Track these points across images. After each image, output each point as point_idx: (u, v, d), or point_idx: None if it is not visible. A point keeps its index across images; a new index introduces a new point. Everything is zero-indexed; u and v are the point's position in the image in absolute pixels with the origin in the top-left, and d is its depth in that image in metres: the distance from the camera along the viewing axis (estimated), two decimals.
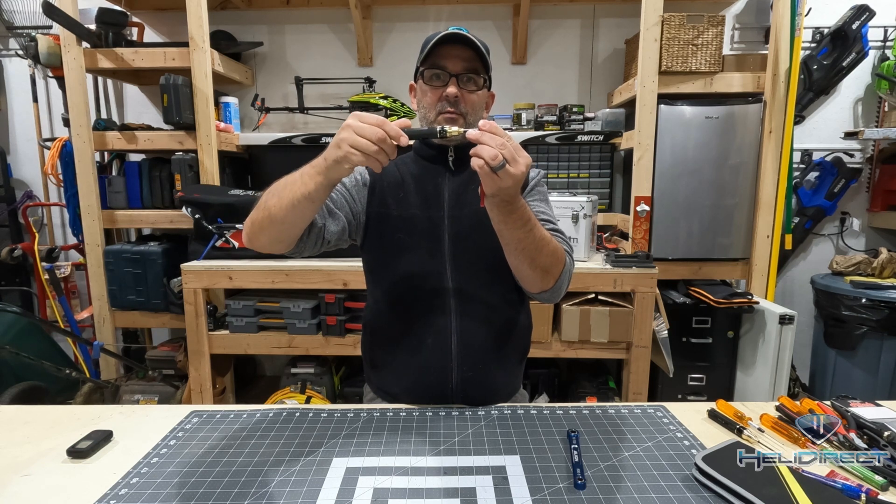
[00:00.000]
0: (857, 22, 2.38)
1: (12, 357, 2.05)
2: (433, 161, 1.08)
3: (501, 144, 0.74)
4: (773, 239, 2.32)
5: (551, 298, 0.99)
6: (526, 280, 0.94)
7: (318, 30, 2.72)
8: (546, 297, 0.97)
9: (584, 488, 0.74)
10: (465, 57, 0.98)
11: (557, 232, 1.01)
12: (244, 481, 0.77)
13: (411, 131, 0.79)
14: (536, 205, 1.05)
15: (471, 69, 0.99)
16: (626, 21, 2.61)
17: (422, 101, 1.03)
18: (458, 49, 0.98)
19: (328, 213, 0.99)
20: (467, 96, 0.99)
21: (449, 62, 0.98)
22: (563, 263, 0.94)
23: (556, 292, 0.97)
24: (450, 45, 0.98)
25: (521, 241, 0.86)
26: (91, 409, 1.01)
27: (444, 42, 0.97)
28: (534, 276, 0.92)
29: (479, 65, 1.00)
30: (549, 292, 0.96)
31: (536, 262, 0.89)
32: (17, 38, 2.74)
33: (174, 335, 2.77)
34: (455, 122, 0.99)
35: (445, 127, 0.81)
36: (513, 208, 0.81)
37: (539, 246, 0.88)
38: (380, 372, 1.12)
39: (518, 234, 0.85)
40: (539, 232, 0.87)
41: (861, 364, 2.26)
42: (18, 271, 2.78)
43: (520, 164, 0.75)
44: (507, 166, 0.74)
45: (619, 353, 2.12)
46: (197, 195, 2.21)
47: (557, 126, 2.48)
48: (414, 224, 1.03)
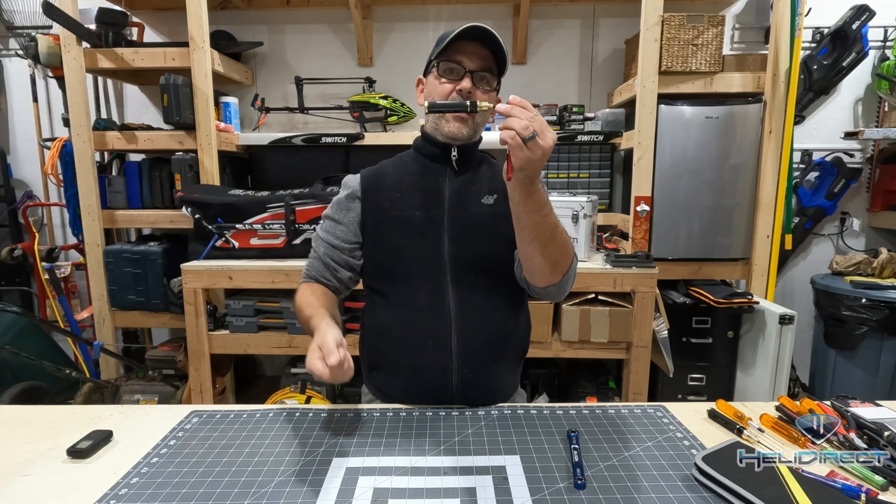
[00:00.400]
0: (857, 22, 2.38)
1: (12, 357, 2.05)
2: (435, 160, 1.07)
3: (531, 117, 0.75)
4: (773, 239, 2.32)
5: (557, 295, 0.99)
6: (536, 271, 0.94)
7: (318, 30, 2.72)
8: (553, 291, 0.97)
9: (584, 488, 0.74)
10: (482, 55, 0.98)
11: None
12: (244, 481, 0.77)
13: (438, 104, 0.79)
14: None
15: (486, 68, 0.99)
16: (626, 21, 2.61)
17: (431, 95, 1.01)
18: (476, 46, 0.98)
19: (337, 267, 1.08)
20: (479, 95, 0.99)
21: (466, 58, 0.98)
22: (571, 258, 0.95)
23: (562, 288, 0.97)
24: (467, 41, 0.97)
25: (538, 224, 0.86)
26: (91, 409, 1.01)
27: (462, 37, 0.96)
28: (545, 267, 0.92)
29: (494, 65, 1.00)
30: (555, 287, 0.96)
31: (548, 251, 0.90)
32: (17, 38, 2.74)
33: (174, 335, 2.77)
34: (465, 121, 0.99)
35: (476, 101, 0.81)
36: (534, 188, 0.82)
37: (553, 233, 0.89)
38: (378, 373, 1.11)
39: (535, 217, 0.85)
40: (553, 219, 0.88)
41: (861, 364, 2.26)
42: (18, 271, 2.78)
43: (548, 136, 0.77)
44: (537, 138, 0.75)
45: (619, 353, 2.12)
46: (197, 195, 2.21)
47: (557, 126, 2.47)
48: (413, 224, 1.03)
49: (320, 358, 0.80)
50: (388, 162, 1.13)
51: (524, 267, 0.97)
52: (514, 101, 0.77)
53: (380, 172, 1.10)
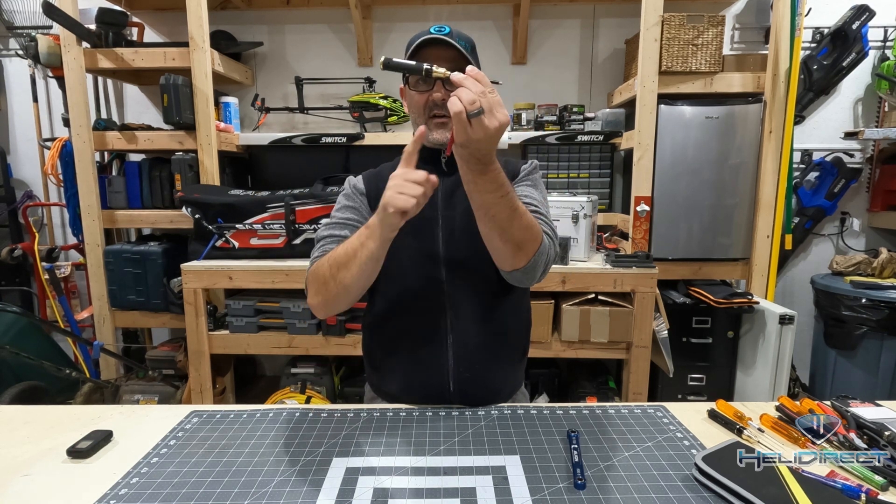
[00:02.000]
0: (857, 22, 2.38)
1: (12, 357, 2.05)
2: (425, 161, 1.05)
3: (482, 92, 0.72)
4: (773, 239, 2.32)
5: (525, 280, 0.95)
6: (498, 255, 0.91)
7: (318, 30, 2.72)
8: (519, 276, 0.93)
9: (584, 488, 0.74)
10: (448, 57, 0.93)
11: (540, 215, 0.98)
12: (244, 481, 0.77)
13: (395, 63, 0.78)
14: (524, 188, 1.04)
15: (456, 69, 0.98)
16: (626, 21, 2.60)
17: (411, 106, 1.00)
18: (441, 50, 0.93)
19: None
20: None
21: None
22: (538, 242, 0.90)
23: (529, 273, 0.92)
24: (433, 46, 0.94)
25: (492, 206, 0.83)
26: (91, 409, 1.01)
27: (427, 44, 0.93)
28: (505, 250, 0.88)
29: (463, 64, 0.97)
30: (521, 271, 0.92)
31: (508, 234, 0.86)
32: (17, 38, 2.74)
33: (174, 335, 2.77)
34: (446, 125, 0.97)
35: (433, 66, 0.79)
36: (484, 168, 0.79)
37: (511, 216, 0.84)
38: (379, 372, 1.12)
39: (488, 198, 0.82)
40: (513, 202, 0.84)
41: (861, 364, 2.26)
42: (18, 271, 2.78)
43: (496, 117, 0.73)
44: (483, 117, 0.72)
45: (619, 353, 2.12)
46: (197, 195, 2.21)
47: (557, 126, 2.47)
48: (408, 224, 1.02)
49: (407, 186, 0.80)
50: (387, 165, 1.13)
51: (489, 249, 0.93)
52: (471, 72, 0.74)
53: (380, 175, 1.10)
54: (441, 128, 0.97)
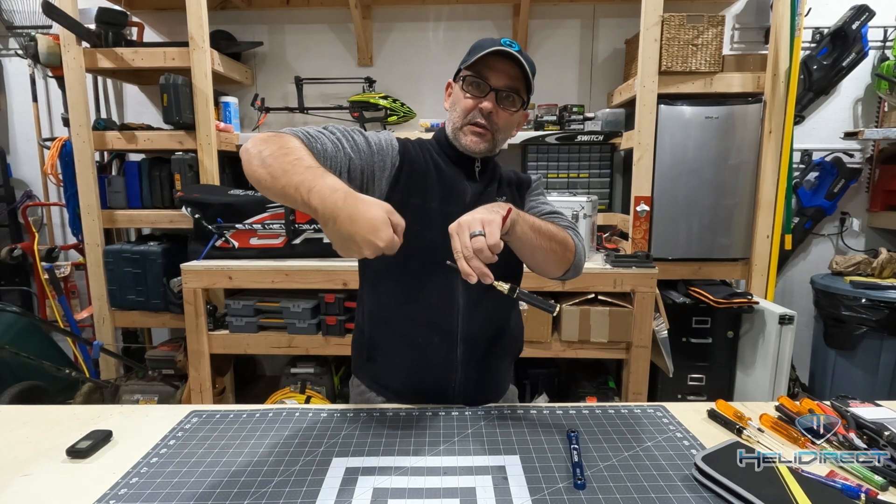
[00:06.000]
0: (857, 22, 2.38)
1: (12, 357, 2.05)
2: (456, 163, 1.05)
3: (466, 245, 0.78)
4: (772, 239, 2.32)
5: (573, 276, 1.04)
6: (541, 271, 1.00)
7: (318, 30, 2.72)
8: (570, 275, 1.03)
9: (583, 488, 0.74)
10: (510, 74, 0.96)
11: (558, 214, 1.06)
12: (244, 481, 0.76)
13: (525, 295, 0.85)
14: (539, 199, 1.13)
15: (513, 87, 0.98)
16: (626, 21, 2.60)
17: (455, 105, 1.01)
18: (506, 64, 0.96)
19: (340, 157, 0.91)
20: (502, 114, 0.98)
21: (493, 75, 0.96)
22: (572, 249, 0.99)
23: (577, 269, 1.02)
24: (498, 57, 0.95)
25: (525, 246, 0.91)
26: (91, 409, 1.01)
27: (494, 54, 0.94)
28: (547, 267, 0.98)
29: (521, 85, 0.99)
30: (570, 272, 1.02)
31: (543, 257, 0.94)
32: (17, 37, 2.74)
33: (174, 335, 2.77)
34: (482, 136, 0.99)
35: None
36: (512, 238, 0.86)
37: (545, 246, 0.93)
38: (377, 364, 1.08)
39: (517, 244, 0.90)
40: (539, 240, 0.91)
41: (861, 364, 2.26)
42: (18, 271, 2.78)
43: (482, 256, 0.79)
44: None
45: (618, 353, 2.12)
46: (197, 195, 2.21)
47: (557, 126, 2.48)
48: (432, 217, 1.00)
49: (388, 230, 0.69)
50: (411, 143, 1.07)
51: (535, 271, 1.01)
52: (452, 230, 0.80)
53: (408, 150, 1.04)
54: (476, 136, 0.99)
